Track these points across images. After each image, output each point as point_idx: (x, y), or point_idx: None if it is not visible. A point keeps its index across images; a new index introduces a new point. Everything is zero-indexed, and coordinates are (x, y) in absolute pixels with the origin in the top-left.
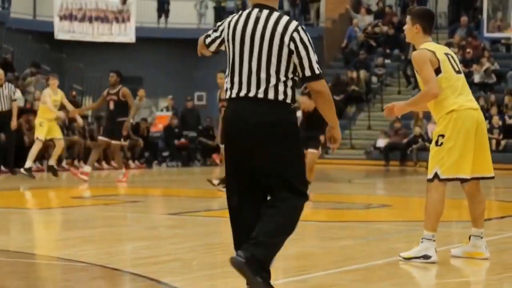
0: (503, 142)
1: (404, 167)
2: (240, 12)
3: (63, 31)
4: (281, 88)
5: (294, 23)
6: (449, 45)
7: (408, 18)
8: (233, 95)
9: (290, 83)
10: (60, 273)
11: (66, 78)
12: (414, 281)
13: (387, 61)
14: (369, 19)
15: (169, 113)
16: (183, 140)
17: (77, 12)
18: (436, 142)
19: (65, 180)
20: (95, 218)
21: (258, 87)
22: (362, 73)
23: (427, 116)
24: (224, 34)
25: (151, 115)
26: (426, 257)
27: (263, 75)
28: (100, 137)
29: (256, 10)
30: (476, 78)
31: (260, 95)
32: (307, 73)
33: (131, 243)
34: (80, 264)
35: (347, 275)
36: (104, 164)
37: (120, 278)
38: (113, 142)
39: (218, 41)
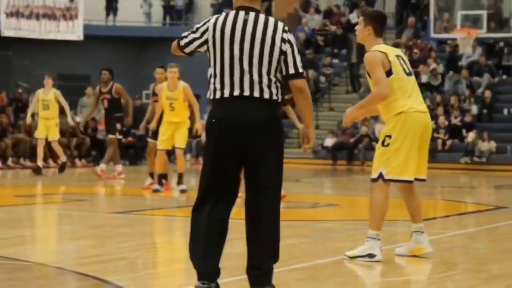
0: (448, 142)
1: (351, 167)
2: (224, 14)
3: (10, 28)
4: (273, 87)
5: (281, 24)
6: (396, 45)
7: (360, 19)
8: (226, 95)
9: (279, 83)
10: (3, 273)
11: (13, 76)
12: (359, 280)
13: (335, 60)
14: (317, 18)
15: None
16: (130, 138)
17: (24, 9)
18: (383, 142)
19: (10, 178)
20: (40, 216)
21: (251, 87)
22: (311, 73)
23: (375, 116)
24: (208, 36)
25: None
26: (371, 255)
27: (255, 75)
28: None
29: (242, 12)
30: (423, 79)
31: (256, 94)
32: (291, 70)
33: (76, 242)
34: (24, 263)
35: (292, 274)
36: (50, 161)
37: (65, 277)
38: (109, 136)
39: (197, 43)
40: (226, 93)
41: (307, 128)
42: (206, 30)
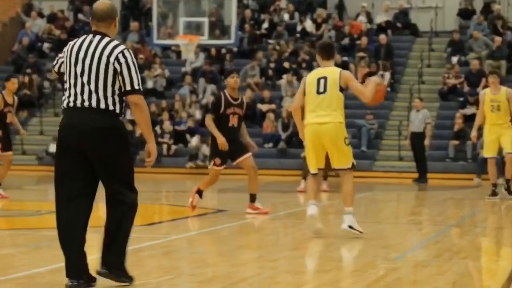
0: (173, 147)
1: None
2: (81, 37)
3: None
4: (109, 99)
5: (121, 47)
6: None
7: None
8: (69, 105)
9: (117, 97)
10: None
11: None
12: None
13: None
14: (41, 22)
15: None
16: None
17: None
18: None
19: None
20: None
21: (90, 97)
22: (34, 78)
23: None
24: (64, 55)
25: None
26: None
27: (92, 87)
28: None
29: (91, 35)
30: (148, 84)
31: (93, 104)
32: (127, 87)
33: None
34: None
35: (7, 284)
36: None
37: None
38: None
39: (60, 62)
40: (70, 103)
41: (147, 143)
42: (65, 50)
